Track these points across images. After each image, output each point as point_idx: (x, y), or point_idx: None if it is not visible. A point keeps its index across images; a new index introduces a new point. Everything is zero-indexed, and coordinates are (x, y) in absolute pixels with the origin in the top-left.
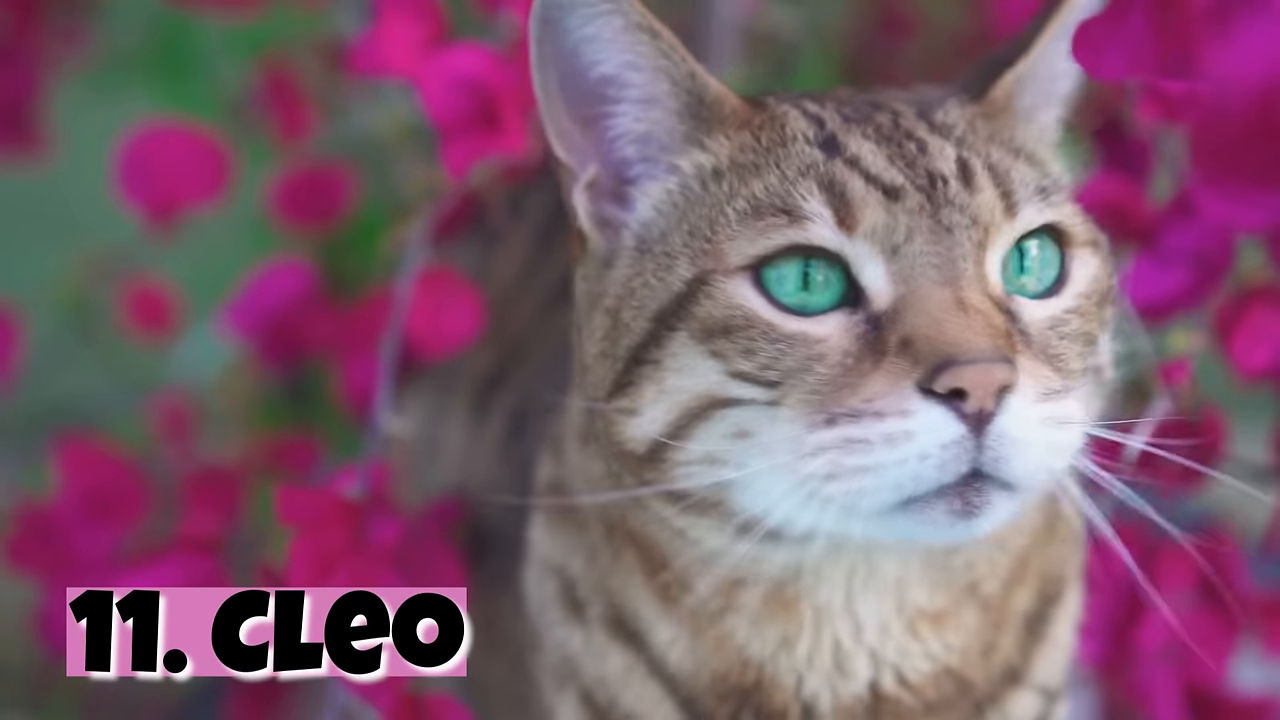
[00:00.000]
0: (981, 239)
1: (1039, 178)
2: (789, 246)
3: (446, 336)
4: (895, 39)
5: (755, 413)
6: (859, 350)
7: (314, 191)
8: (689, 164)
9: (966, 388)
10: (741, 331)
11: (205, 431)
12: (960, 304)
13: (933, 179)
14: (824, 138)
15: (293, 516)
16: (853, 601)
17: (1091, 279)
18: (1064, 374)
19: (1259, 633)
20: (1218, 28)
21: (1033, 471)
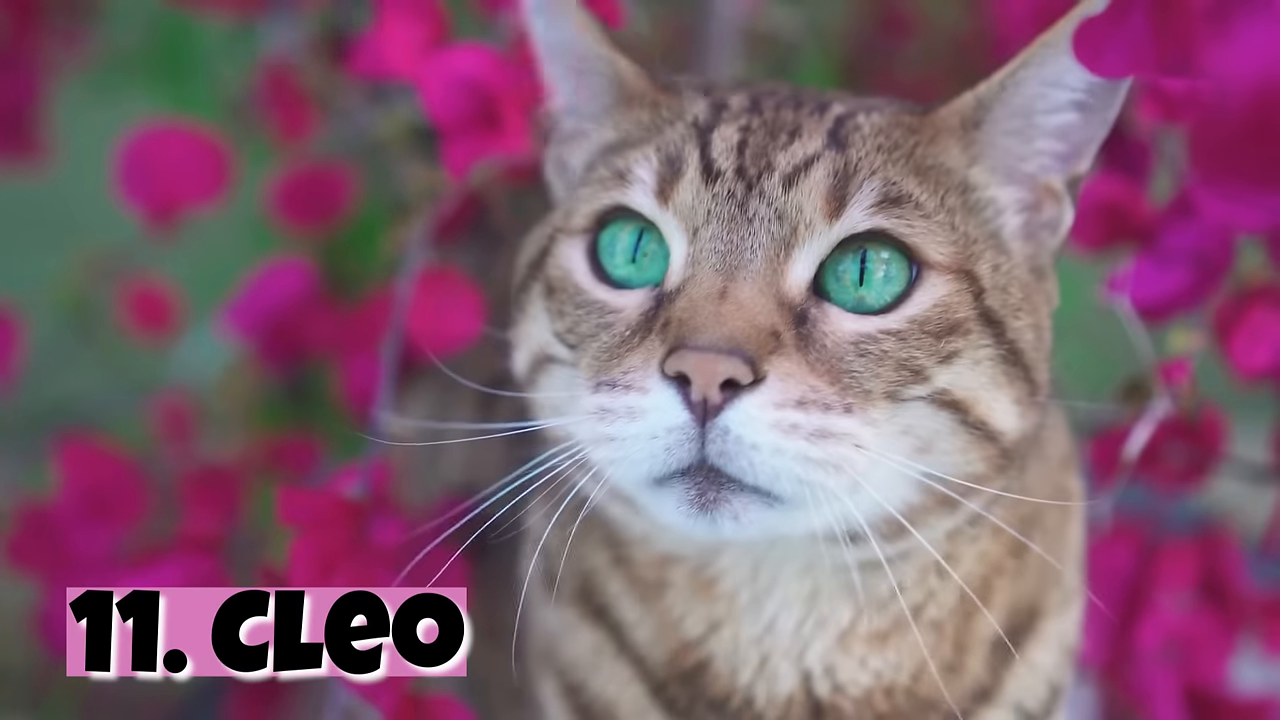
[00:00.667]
0: (787, 236)
1: (910, 191)
2: (612, 207)
3: (447, 336)
4: (895, 39)
5: (568, 372)
6: (637, 324)
7: (314, 191)
8: (597, 135)
9: (688, 373)
10: (560, 292)
11: (205, 431)
12: (722, 294)
13: (764, 170)
14: (707, 122)
15: (293, 516)
16: (761, 600)
17: (934, 305)
18: (849, 391)
19: (1259, 632)
20: (1217, 27)
21: (772, 478)
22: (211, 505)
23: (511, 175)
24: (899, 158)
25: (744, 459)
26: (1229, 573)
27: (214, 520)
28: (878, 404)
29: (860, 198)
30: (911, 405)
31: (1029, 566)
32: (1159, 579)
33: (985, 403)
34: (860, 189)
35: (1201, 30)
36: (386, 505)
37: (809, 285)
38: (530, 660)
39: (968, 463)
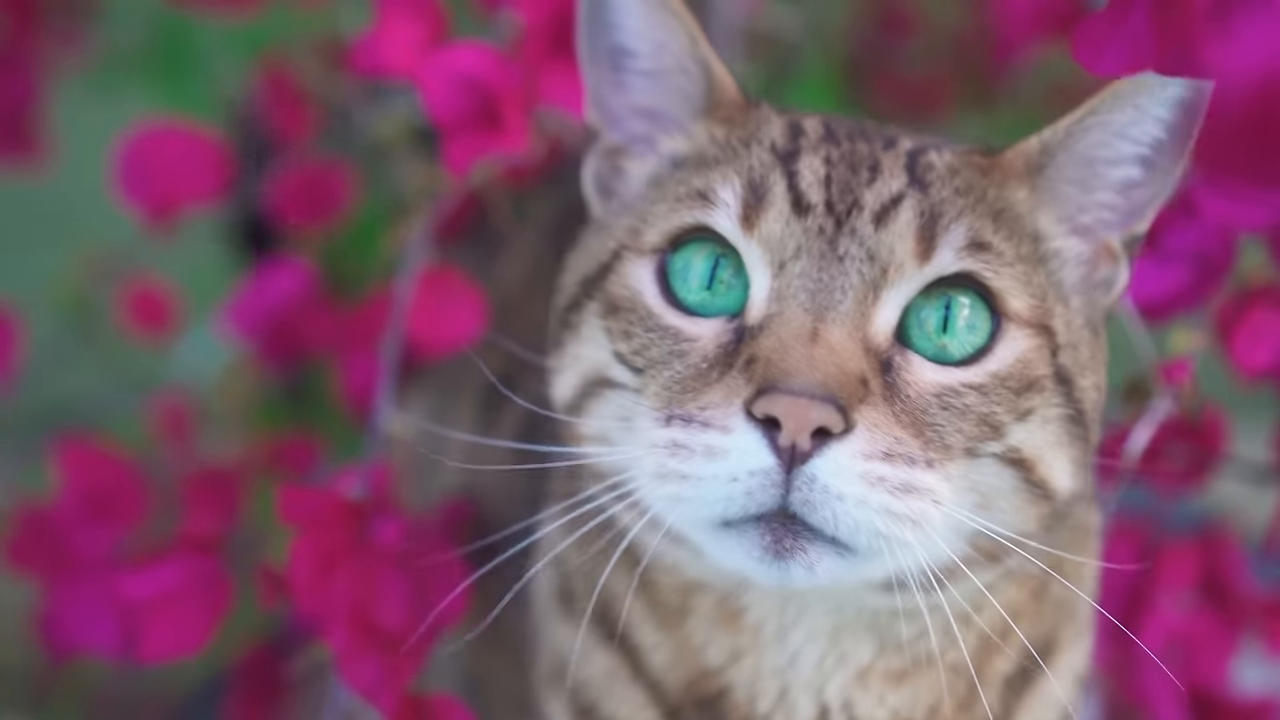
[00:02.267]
0: (877, 277)
1: (992, 239)
2: (692, 226)
3: (447, 336)
4: (895, 39)
5: (630, 399)
6: (715, 357)
7: (314, 191)
8: (668, 146)
9: (780, 418)
10: (627, 313)
11: (205, 431)
12: (814, 335)
13: (852, 207)
14: (788, 149)
15: (294, 516)
16: (786, 633)
17: (1016, 361)
18: (932, 445)
19: (1260, 633)
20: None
21: (852, 530)
22: (212, 506)
23: (513, 175)
24: (975, 201)
25: (828, 509)
26: (1230, 573)
27: (214, 521)
28: (956, 460)
29: (950, 239)
30: (980, 462)
31: (1048, 607)
32: (1160, 579)
33: (1048, 462)
34: (949, 230)
35: (1202, 28)
36: (387, 505)
37: (894, 330)
38: (538, 676)
39: (1022, 520)
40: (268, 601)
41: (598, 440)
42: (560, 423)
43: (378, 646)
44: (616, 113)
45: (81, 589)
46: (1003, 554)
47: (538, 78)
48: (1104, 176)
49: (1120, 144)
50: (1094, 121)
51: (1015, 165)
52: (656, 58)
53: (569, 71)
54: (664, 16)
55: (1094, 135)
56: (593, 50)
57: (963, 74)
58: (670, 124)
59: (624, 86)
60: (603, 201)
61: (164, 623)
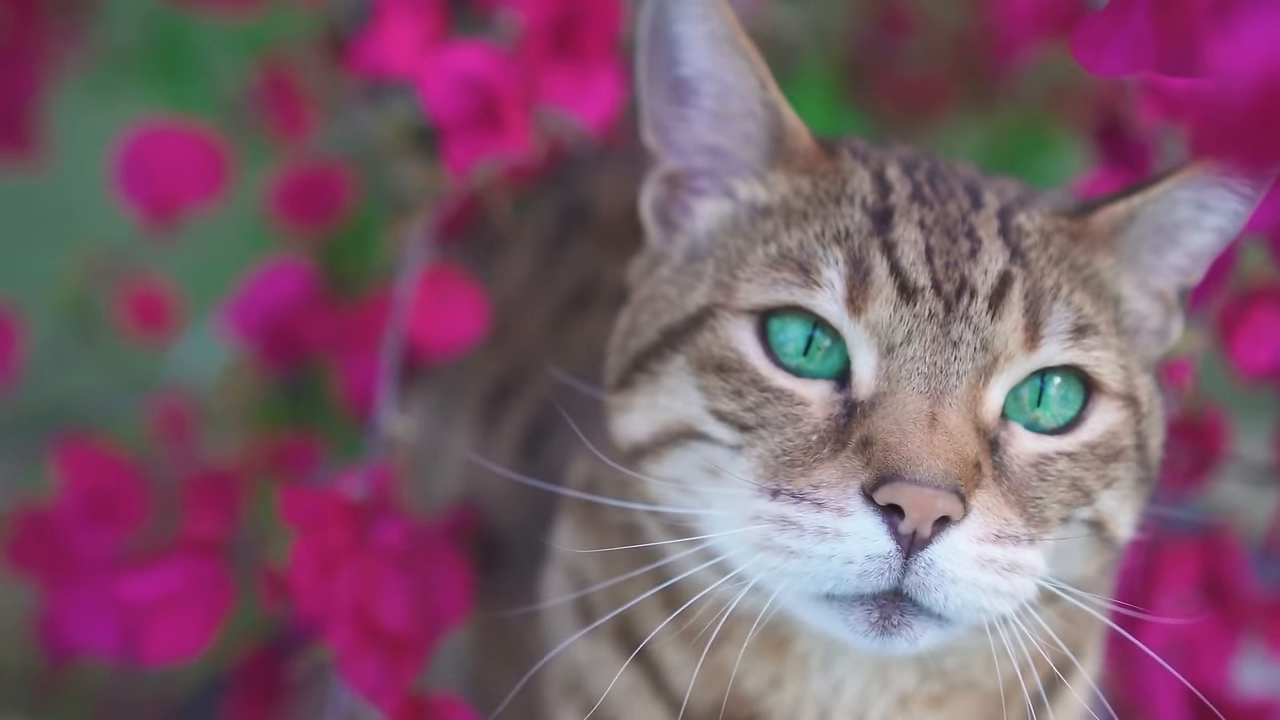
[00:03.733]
0: (988, 364)
1: (1091, 316)
2: (793, 306)
3: (448, 337)
4: (896, 38)
5: (723, 454)
6: (826, 431)
7: (314, 191)
8: (745, 192)
9: (904, 507)
10: (733, 373)
11: (205, 432)
12: (933, 420)
13: (961, 288)
14: (881, 208)
15: (296, 517)
16: (832, 662)
17: (1106, 432)
18: (1033, 521)
19: (1261, 634)
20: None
21: (959, 609)
22: (212, 506)
23: (513, 177)
24: (1070, 270)
25: (941, 592)
26: (1231, 574)
27: (215, 522)
28: (1053, 530)
29: (1055, 327)
30: (1073, 526)
31: (1078, 626)
32: (1161, 580)
33: (1119, 518)
34: (1052, 315)
35: (1203, 27)
36: (388, 506)
37: (1000, 410)
38: (550, 688)
39: (1087, 569)
40: (269, 602)
41: (670, 486)
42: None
43: (379, 647)
44: (678, 142)
45: (82, 590)
46: (1060, 598)
47: (538, 78)
48: (1183, 244)
49: (1207, 217)
50: (1182, 196)
51: (1103, 230)
52: (722, 99)
53: (569, 72)
54: (733, 58)
55: (1182, 209)
56: (653, 76)
57: (963, 74)
58: (737, 165)
59: (687, 120)
60: (663, 231)
61: (165, 624)
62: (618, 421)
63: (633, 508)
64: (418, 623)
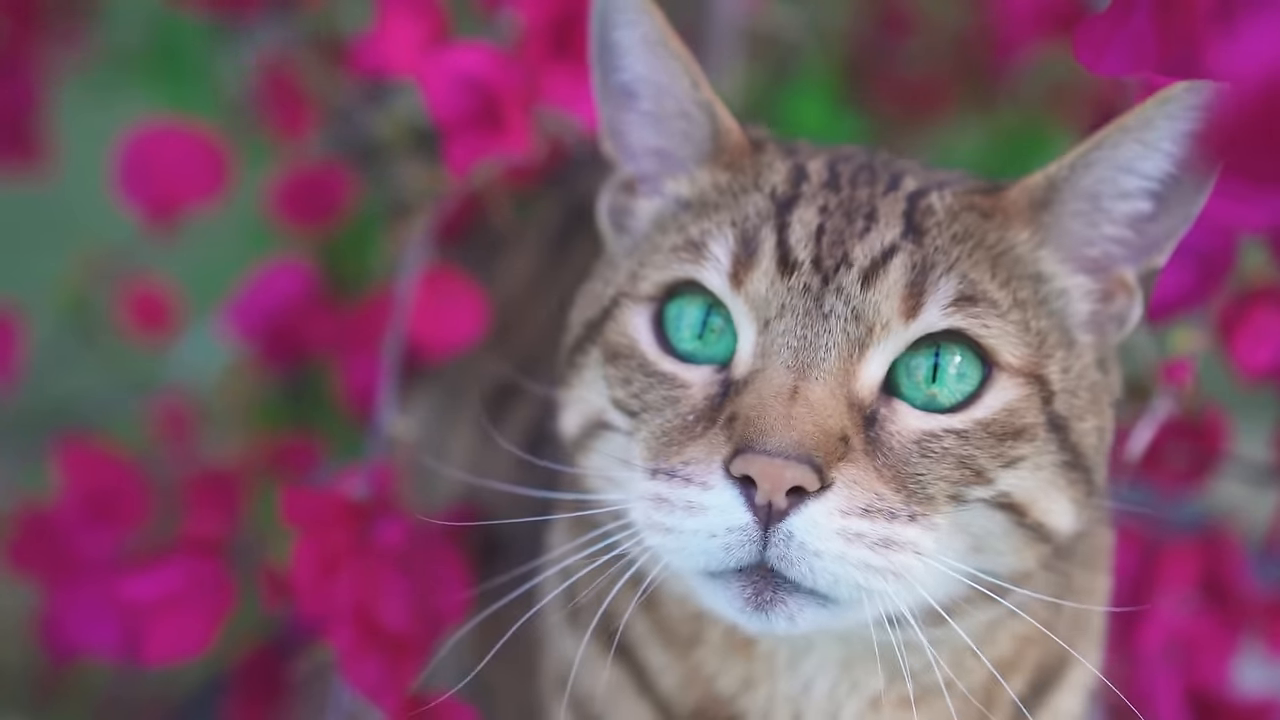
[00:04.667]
0: (863, 336)
1: (987, 289)
2: (684, 280)
3: (448, 337)
4: (895, 38)
5: (625, 442)
6: (702, 410)
7: (314, 192)
8: (672, 188)
9: (755, 477)
10: (625, 359)
11: (205, 432)
12: (794, 393)
13: (840, 263)
14: (789, 196)
15: (297, 517)
16: (798, 662)
17: (1002, 409)
18: (915, 498)
19: (1261, 634)
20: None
21: (831, 584)
22: (213, 507)
23: (514, 176)
24: (974, 247)
25: (805, 565)
26: (1231, 574)
27: (216, 522)
28: (941, 509)
29: (938, 296)
30: (969, 509)
31: (1059, 628)
32: (1161, 580)
33: (1043, 505)
34: (938, 286)
35: (1205, 29)
36: (389, 506)
37: (880, 384)
38: (544, 683)
39: (1020, 561)
40: (270, 603)
41: (603, 480)
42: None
43: (381, 647)
44: (630, 148)
45: (82, 590)
46: (1006, 591)
47: (539, 78)
48: (1110, 211)
49: (1126, 179)
50: (1098, 156)
51: (1019, 204)
52: (658, 100)
53: (570, 72)
54: (665, 60)
55: (1098, 170)
56: (605, 85)
57: (963, 74)
58: (676, 165)
59: (632, 125)
60: (617, 237)
61: (166, 625)
62: (559, 419)
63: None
64: (418, 623)
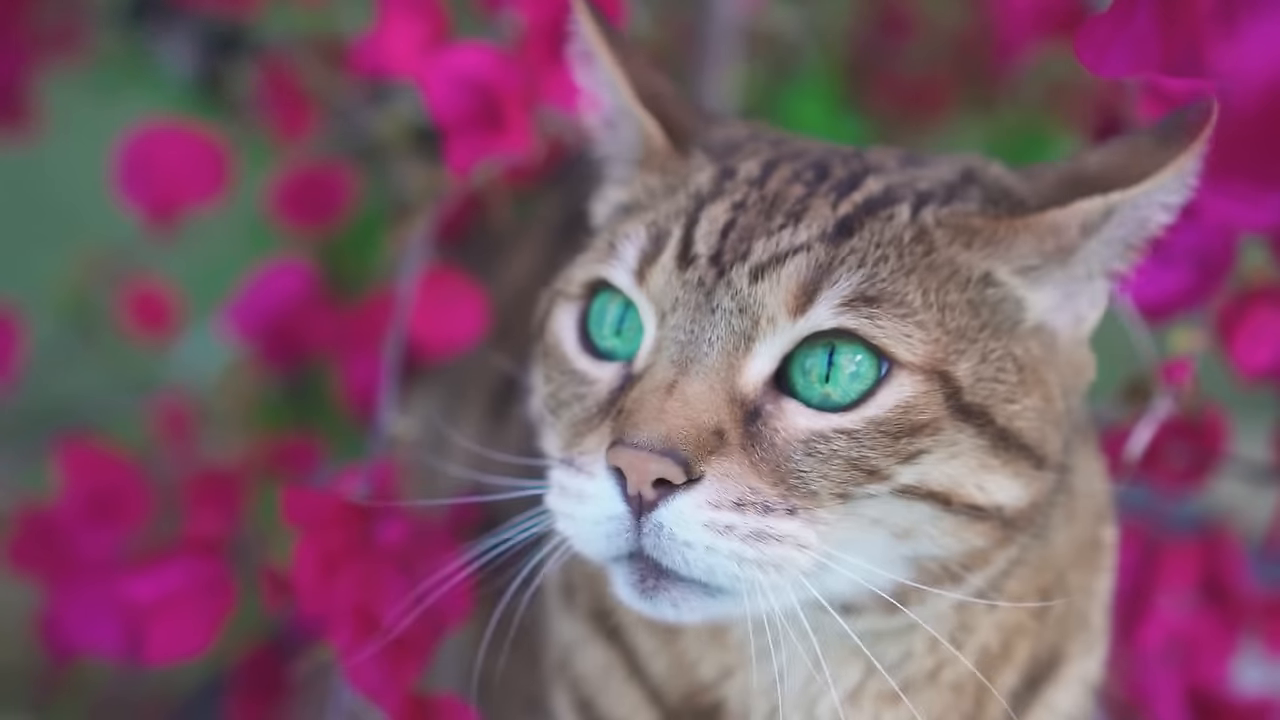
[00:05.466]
0: (748, 330)
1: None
2: (596, 280)
3: (449, 337)
4: (895, 39)
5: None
6: (604, 403)
7: (314, 191)
8: (614, 195)
9: (624, 469)
10: (551, 356)
11: (206, 432)
12: (670, 388)
13: (738, 258)
14: (708, 193)
15: (299, 517)
16: (767, 654)
17: (897, 406)
18: (796, 492)
19: (1260, 633)
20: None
21: (706, 573)
22: (213, 507)
23: (514, 176)
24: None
25: (677, 554)
26: (1230, 573)
27: (216, 522)
28: (825, 504)
29: (830, 294)
30: (873, 501)
31: (1051, 621)
32: (1160, 579)
33: (970, 487)
34: (835, 284)
35: (1208, 30)
36: (391, 506)
37: (768, 380)
38: (546, 667)
39: (962, 541)
40: (272, 603)
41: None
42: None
43: (382, 646)
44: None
45: (83, 590)
46: (962, 572)
47: (539, 78)
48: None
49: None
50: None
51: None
52: (607, 110)
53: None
54: (599, 70)
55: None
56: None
57: (963, 74)
58: (624, 171)
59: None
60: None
61: (167, 624)
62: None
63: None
64: (419, 623)
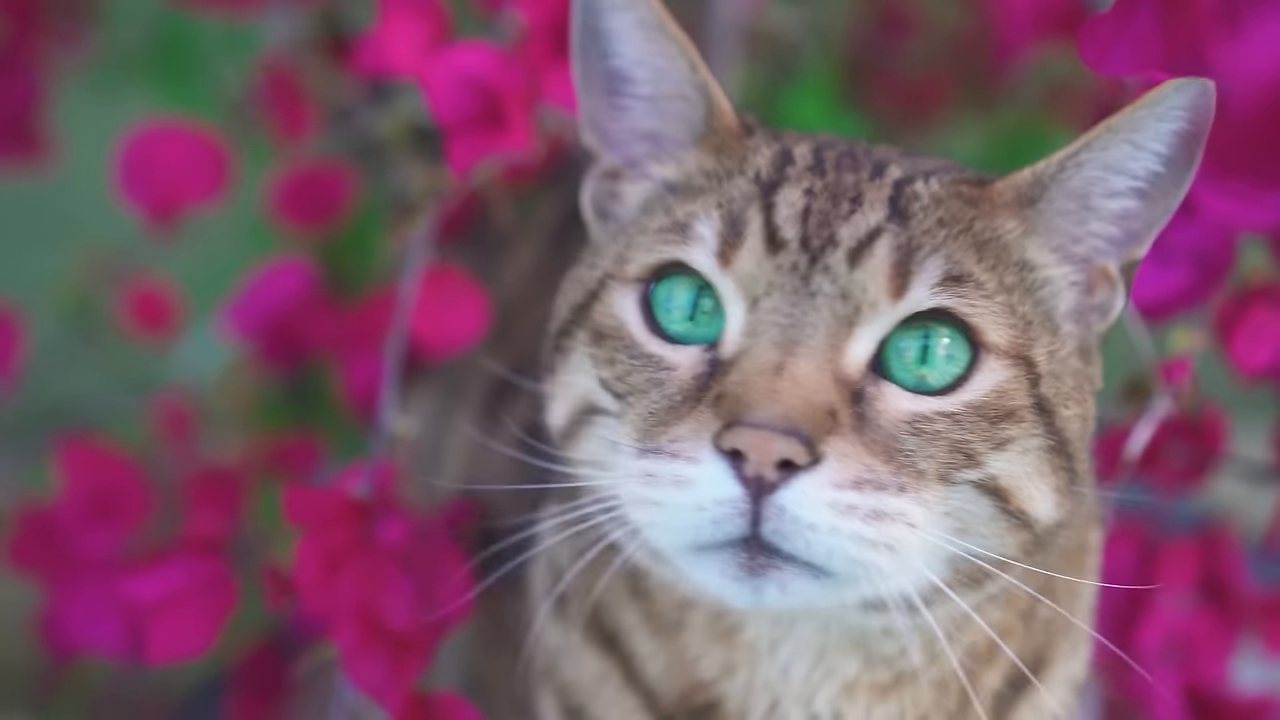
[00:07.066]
0: (850, 314)
1: (973, 271)
2: (671, 261)
3: (450, 336)
4: (895, 39)
5: (615, 425)
6: (689, 390)
7: (314, 191)
8: (659, 171)
9: (744, 450)
10: (610, 340)
11: (207, 432)
12: (779, 369)
13: (827, 243)
14: (772, 179)
15: (300, 516)
16: (777, 647)
17: (991, 391)
18: (905, 470)
19: (1259, 632)
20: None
21: (826, 555)
22: (214, 506)
23: (515, 175)
24: (959, 232)
25: (800, 538)
26: (1230, 572)
27: (217, 521)
28: (930, 485)
29: (924, 275)
30: (961, 489)
31: (1038, 624)
32: (1160, 579)
33: (1027, 491)
34: (924, 266)
35: (1210, 29)
36: (392, 505)
37: (868, 363)
38: (531, 672)
39: (1001, 546)
40: (274, 602)
41: (590, 465)
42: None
43: (384, 645)
44: (614, 136)
45: (84, 589)
46: (984, 578)
47: (541, 77)
48: (1098, 209)
49: (1115, 179)
50: (1088, 157)
51: (1005, 196)
52: (656, 84)
53: None
54: (664, 43)
55: (1087, 170)
56: (587, 75)
57: (963, 74)
58: (667, 149)
59: (623, 110)
60: (600, 224)
61: (169, 624)
62: (547, 411)
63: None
64: (422, 621)
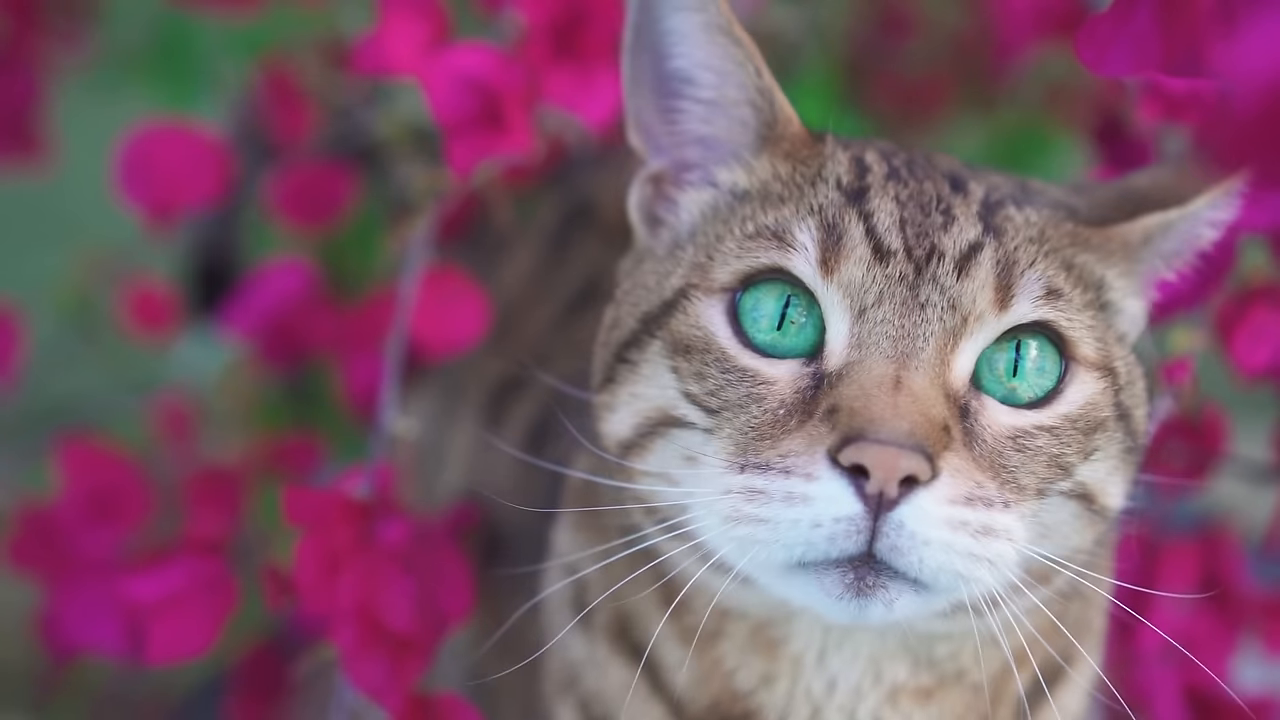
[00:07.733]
0: (957, 326)
1: (1064, 287)
2: (769, 267)
3: (450, 336)
4: (895, 39)
5: (699, 439)
6: (794, 404)
7: (314, 191)
8: (727, 178)
9: (869, 467)
10: (699, 353)
11: (206, 431)
12: (897, 383)
13: (931, 254)
14: (856, 187)
15: (300, 516)
16: (827, 659)
17: (1086, 403)
18: (1008, 486)
19: (1259, 632)
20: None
21: (934, 572)
22: (214, 506)
23: (515, 176)
24: (1048, 251)
25: (915, 554)
26: (1230, 572)
27: (217, 521)
28: (1029, 499)
29: (1027, 289)
30: (1052, 499)
31: (1068, 624)
32: (1160, 579)
33: (1108, 489)
34: (1025, 279)
35: (1208, 29)
36: (392, 505)
37: (971, 376)
38: (548, 683)
39: (1079, 541)
40: (274, 602)
41: (658, 479)
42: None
43: (384, 646)
44: (665, 139)
45: (84, 589)
46: (1052, 576)
47: (540, 78)
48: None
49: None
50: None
51: (1113, 243)
52: (720, 87)
53: (572, 72)
54: (730, 46)
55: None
56: (637, 76)
57: (963, 74)
58: (727, 153)
59: (679, 113)
60: (649, 230)
61: (169, 624)
62: (605, 421)
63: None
64: (422, 622)
